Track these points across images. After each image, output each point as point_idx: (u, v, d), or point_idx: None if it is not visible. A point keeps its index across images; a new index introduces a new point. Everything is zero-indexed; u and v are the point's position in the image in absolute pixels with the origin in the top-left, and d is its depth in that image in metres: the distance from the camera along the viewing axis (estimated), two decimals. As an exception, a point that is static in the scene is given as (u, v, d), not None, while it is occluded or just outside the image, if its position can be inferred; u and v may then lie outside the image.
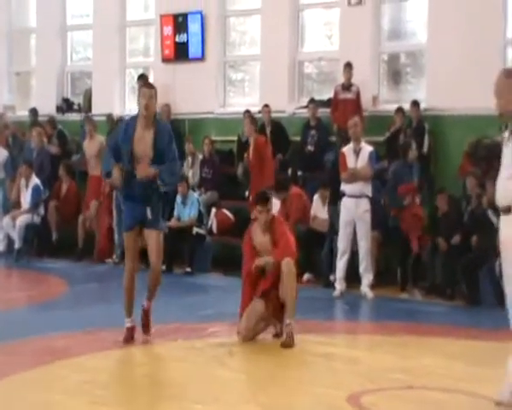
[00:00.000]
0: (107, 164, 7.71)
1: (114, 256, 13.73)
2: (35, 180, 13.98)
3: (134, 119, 7.65)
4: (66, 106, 16.68)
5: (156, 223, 7.65)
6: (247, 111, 13.30)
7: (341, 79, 13.00)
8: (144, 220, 7.61)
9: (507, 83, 5.67)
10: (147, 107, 7.42)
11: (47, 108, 16.32)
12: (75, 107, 16.65)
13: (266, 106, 13.43)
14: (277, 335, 8.00)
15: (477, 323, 8.77)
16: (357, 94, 12.73)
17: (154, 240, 7.66)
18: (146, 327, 7.81)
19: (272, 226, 7.93)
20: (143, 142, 7.48)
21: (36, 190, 13.97)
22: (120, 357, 7.47)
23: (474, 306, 9.92)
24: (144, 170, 7.39)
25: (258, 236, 7.85)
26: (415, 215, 11.01)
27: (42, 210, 14.21)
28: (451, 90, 11.84)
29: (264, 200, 7.90)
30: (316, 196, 12.04)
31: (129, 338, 7.66)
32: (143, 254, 8.04)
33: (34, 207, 13.97)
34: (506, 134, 5.88)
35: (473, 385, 6.33)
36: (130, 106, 15.76)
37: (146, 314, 7.82)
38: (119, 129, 7.85)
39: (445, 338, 8.34)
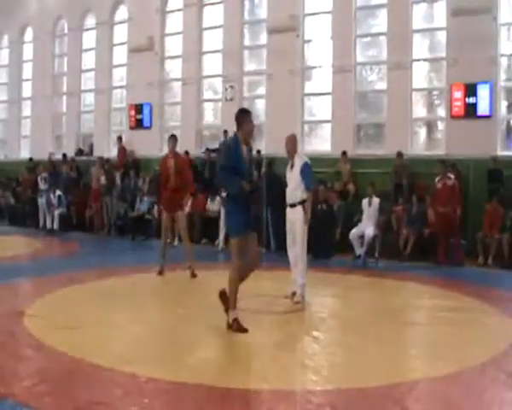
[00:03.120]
0: (235, 181, 5.39)
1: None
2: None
3: (237, 140, 5.56)
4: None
5: (253, 226, 5.65)
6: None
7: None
8: (248, 225, 5.61)
9: (291, 139, 6.67)
10: (253, 135, 5.74)
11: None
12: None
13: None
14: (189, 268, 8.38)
15: (281, 261, 7.94)
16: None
17: (254, 242, 5.63)
18: (228, 309, 5.70)
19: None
20: (246, 158, 5.64)
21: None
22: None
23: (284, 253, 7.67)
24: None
25: None
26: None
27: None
28: (279, 141, 9.50)
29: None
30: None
31: (240, 326, 5.53)
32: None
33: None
34: (288, 167, 6.76)
35: (278, 292, 6.69)
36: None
37: (226, 297, 5.68)
38: (230, 152, 5.47)
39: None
